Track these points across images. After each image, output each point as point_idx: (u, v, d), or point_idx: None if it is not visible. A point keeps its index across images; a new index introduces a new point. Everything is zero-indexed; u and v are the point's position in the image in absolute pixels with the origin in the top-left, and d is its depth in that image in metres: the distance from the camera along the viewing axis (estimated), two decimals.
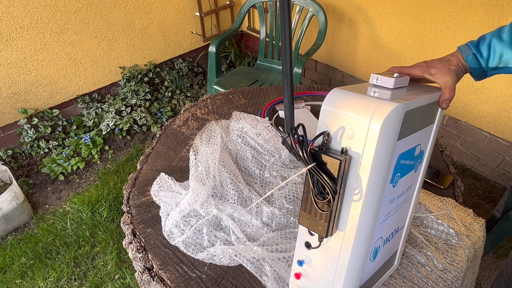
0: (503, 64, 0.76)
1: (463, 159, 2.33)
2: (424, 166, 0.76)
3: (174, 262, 0.90)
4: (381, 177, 0.58)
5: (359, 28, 2.43)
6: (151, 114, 2.65)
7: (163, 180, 1.08)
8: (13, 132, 2.36)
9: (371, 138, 0.55)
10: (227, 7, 3.04)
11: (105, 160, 2.45)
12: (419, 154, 0.71)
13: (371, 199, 0.59)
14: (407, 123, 0.59)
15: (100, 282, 1.76)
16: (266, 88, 1.55)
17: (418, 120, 0.65)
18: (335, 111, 0.58)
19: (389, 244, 0.75)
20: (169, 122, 1.36)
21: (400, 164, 0.63)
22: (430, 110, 0.69)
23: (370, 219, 0.61)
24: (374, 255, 0.69)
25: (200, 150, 1.13)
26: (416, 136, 0.66)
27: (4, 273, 1.82)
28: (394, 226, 0.73)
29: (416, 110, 0.61)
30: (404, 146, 0.62)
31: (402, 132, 0.59)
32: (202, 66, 3.17)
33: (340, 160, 0.56)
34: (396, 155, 0.60)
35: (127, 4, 2.50)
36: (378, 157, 0.56)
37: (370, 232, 0.62)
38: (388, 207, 0.66)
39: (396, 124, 0.56)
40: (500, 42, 0.74)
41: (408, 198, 0.75)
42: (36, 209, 2.15)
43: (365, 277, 0.69)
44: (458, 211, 0.97)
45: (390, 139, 0.57)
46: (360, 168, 0.57)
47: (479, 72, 0.77)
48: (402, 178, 0.67)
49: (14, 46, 2.14)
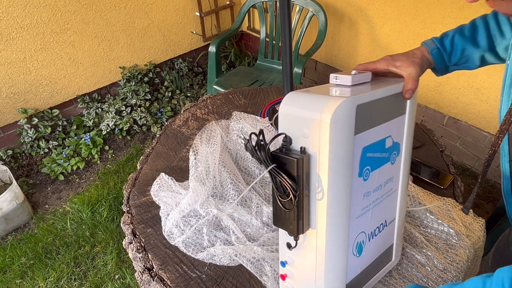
0: (464, 60, 0.78)
1: (463, 159, 2.33)
2: (405, 158, 0.75)
3: (174, 262, 0.90)
4: (343, 173, 0.59)
5: (359, 28, 2.43)
6: (151, 114, 2.65)
7: (163, 180, 1.08)
8: (13, 132, 2.36)
9: (323, 135, 0.56)
10: (227, 7, 3.04)
11: (105, 160, 2.46)
12: (393, 146, 0.71)
13: (336, 195, 0.59)
14: (365, 116, 0.61)
15: (100, 282, 1.76)
16: (266, 88, 1.55)
17: (381, 112, 0.65)
18: (292, 112, 0.60)
19: (378, 239, 0.74)
20: (169, 122, 1.36)
21: (367, 157, 0.64)
22: (396, 101, 0.69)
23: (340, 215, 0.61)
24: (358, 250, 0.68)
25: (200, 150, 1.14)
26: (384, 128, 0.66)
27: (4, 273, 1.82)
28: (379, 220, 0.72)
29: (373, 102, 0.62)
30: (368, 139, 0.63)
31: (360, 125, 0.60)
32: (202, 66, 3.17)
33: (296, 159, 0.57)
34: (359, 148, 0.61)
35: (127, 4, 2.50)
36: (334, 153, 0.57)
37: (343, 228, 0.63)
38: (363, 201, 0.66)
39: (347, 119, 0.57)
40: (462, 38, 0.77)
41: (391, 191, 0.74)
42: (36, 209, 2.15)
43: (353, 273, 0.69)
44: (458, 211, 0.97)
45: (344, 134, 0.58)
46: (318, 166, 0.58)
47: (442, 66, 0.78)
48: (375, 171, 0.67)
49: (14, 46, 2.14)
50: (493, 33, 0.76)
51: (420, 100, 2.37)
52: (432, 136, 1.29)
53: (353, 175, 0.61)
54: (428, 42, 0.79)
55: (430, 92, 2.28)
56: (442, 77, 2.17)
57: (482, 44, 0.76)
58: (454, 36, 0.77)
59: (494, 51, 0.77)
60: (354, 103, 0.57)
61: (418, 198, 0.98)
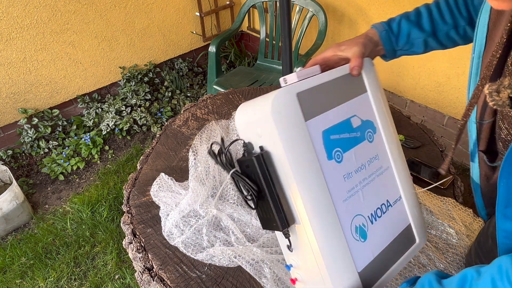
0: (410, 44, 0.82)
1: (463, 159, 2.33)
2: (387, 134, 0.74)
3: (174, 262, 0.90)
4: (304, 160, 0.60)
5: (359, 28, 2.43)
6: (151, 114, 2.65)
7: (163, 180, 1.08)
8: (13, 132, 2.36)
9: (271, 128, 0.58)
10: (227, 7, 3.04)
11: (105, 160, 2.45)
12: (363, 124, 0.70)
13: (306, 183, 0.59)
14: (314, 102, 0.62)
15: (100, 282, 1.76)
16: (266, 88, 1.55)
17: (332, 95, 0.66)
18: (244, 119, 0.63)
19: (385, 220, 0.70)
20: (169, 122, 1.36)
21: (332, 139, 0.64)
22: (349, 82, 0.70)
23: (318, 202, 0.60)
24: (360, 234, 0.65)
25: (200, 150, 1.13)
26: (343, 109, 0.67)
27: (4, 273, 1.82)
28: (377, 200, 0.70)
29: (318, 88, 0.64)
30: (326, 123, 0.64)
31: (310, 111, 0.61)
32: (202, 66, 3.17)
33: (253, 157, 0.59)
34: (318, 132, 0.62)
35: (127, 4, 2.50)
36: (287, 143, 0.58)
37: (328, 214, 0.61)
38: (346, 183, 0.65)
39: (289, 107, 0.59)
40: (408, 22, 0.81)
41: (382, 169, 0.72)
42: (36, 209, 2.15)
43: (364, 260, 0.65)
44: (458, 211, 0.97)
45: (292, 122, 0.59)
46: (279, 159, 0.60)
47: (389, 49, 0.82)
48: (349, 152, 0.66)
49: (14, 46, 2.14)
50: (436, 18, 0.80)
51: (420, 100, 2.37)
52: (432, 136, 1.29)
53: (321, 159, 0.61)
54: (377, 25, 0.82)
55: (430, 92, 2.28)
56: (442, 77, 2.17)
57: (426, 28, 0.80)
58: (401, 20, 0.81)
59: (435, 36, 0.81)
60: (291, 92, 0.60)
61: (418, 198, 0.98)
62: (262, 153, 0.60)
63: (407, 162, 1.14)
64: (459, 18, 0.78)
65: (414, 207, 0.77)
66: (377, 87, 0.75)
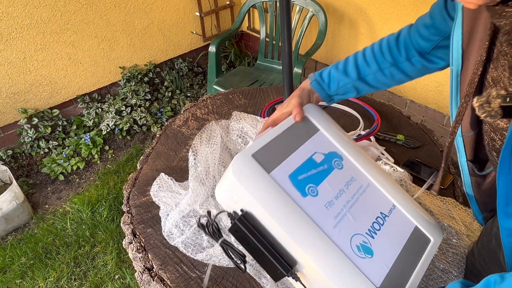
0: (342, 90, 0.91)
1: None
2: (355, 157, 0.80)
3: (174, 262, 0.90)
4: (281, 206, 0.66)
5: (359, 28, 2.43)
6: (151, 114, 2.65)
7: (162, 180, 1.08)
8: (13, 132, 2.36)
9: (241, 190, 0.66)
10: (227, 7, 3.04)
11: (105, 160, 2.46)
12: (327, 157, 0.77)
13: (290, 225, 0.65)
14: (270, 156, 0.71)
15: (100, 282, 1.76)
16: (266, 88, 1.55)
17: (287, 144, 0.75)
18: (222, 194, 0.72)
19: (386, 231, 0.72)
20: (169, 122, 1.36)
21: (300, 180, 0.70)
22: (299, 129, 0.80)
23: (309, 237, 0.64)
24: (365, 251, 0.67)
25: (200, 150, 1.13)
26: (301, 151, 0.75)
27: (4, 273, 1.82)
28: (370, 215, 0.73)
29: (269, 144, 0.73)
30: (289, 168, 0.71)
31: (270, 164, 0.69)
32: (202, 66, 3.17)
33: (235, 221, 0.67)
34: (285, 178, 0.69)
35: (127, 4, 2.50)
36: (259, 197, 0.65)
37: (324, 244, 0.64)
38: (330, 210, 0.69)
39: (249, 168, 0.68)
40: (337, 70, 0.90)
41: (363, 187, 0.76)
42: (36, 209, 2.15)
43: (380, 275, 0.66)
44: (458, 211, 0.97)
45: (256, 179, 0.67)
46: (257, 214, 0.66)
47: (324, 96, 0.91)
48: (322, 184, 0.72)
49: (14, 46, 2.14)
50: (360, 64, 0.88)
51: (420, 100, 2.37)
52: (432, 136, 1.29)
53: (296, 199, 0.67)
54: (311, 75, 0.93)
55: (430, 92, 2.28)
56: (442, 77, 2.17)
57: (352, 75, 0.88)
58: (331, 70, 0.91)
59: (364, 80, 0.89)
60: (247, 155, 0.69)
61: (418, 198, 0.98)
62: (242, 215, 0.67)
63: (407, 162, 1.14)
64: (383, 62, 0.86)
65: (415, 210, 0.78)
66: (329, 124, 0.83)
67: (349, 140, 0.84)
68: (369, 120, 1.32)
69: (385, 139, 1.25)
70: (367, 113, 1.36)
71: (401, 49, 0.85)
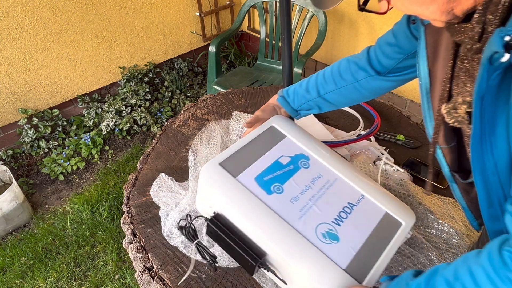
0: (306, 107, 0.97)
1: None
2: (322, 156, 0.87)
3: (174, 262, 0.90)
4: (247, 204, 0.73)
5: (359, 28, 2.43)
6: (151, 114, 2.65)
7: (162, 180, 1.08)
8: (13, 132, 2.36)
9: (211, 195, 0.77)
10: (227, 7, 3.04)
11: (105, 160, 2.46)
12: (293, 159, 0.85)
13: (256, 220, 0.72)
14: (237, 163, 0.80)
15: (100, 282, 1.76)
16: (266, 88, 1.55)
17: (253, 151, 0.84)
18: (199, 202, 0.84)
19: (353, 219, 0.77)
20: (169, 122, 1.36)
21: (266, 180, 0.79)
22: (265, 137, 0.88)
23: (274, 229, 0.71)
24: (331, 238, 0.72)
25: (200, 150, 1.13)
26: (267, 156, 0.84)
27: (4, 273, 1.82)
28: (337, 206, 0.79)
29: (238, 152, 0.82)
30: (255, 171, 0.79)
31: (237, 169, 0.78)
32: (202, 66, 3.17)
33: (207, 222, 0.76)
34: (251, 180, 0.77)
35: (127, 4, 2.50)
36: (227, 198, 0.75)
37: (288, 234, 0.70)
38: (295, 205, 0.76)
39: (217, 174, 0.77)
40: (300, 88, 0.96)
41: (330, 182, 0.83)
42: (36, 209, 2.15)
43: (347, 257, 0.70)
44: (458, 211, 0.97)
45: (223, 183, 0.76)
46: (228, 213, 0.75)
47: (290, 110, 0.99)
48: (288, 182, 0.80)
49: (14, 46, 2.14)
50: (320, 83, 0.94)
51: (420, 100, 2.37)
52: None
53: (262, 197, 0.75)
54: (279, 92, 1.01)
55: None
56: None
57: (312, 93, 0.94)
58: (296, 86, 0.98)
59: (323, 98, 0.94)
60: (214, 163, 0.78)
61: (418, 198, 0.98)
62: (213, 216, 0.76)
63: (407, 162, 1.14)
64: (340, 81, 0.92)
65: (385, 198, 0.83)
66: (296, 130, 0.92)
67: (318, 143, 0.91)
68: (369, 120, 1.32)
69: (385, 139, 1.25)
70: (367, 113, 1.36)
71: (359, 69, 0.90)
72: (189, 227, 0.78)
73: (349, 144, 1.16)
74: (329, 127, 1.30)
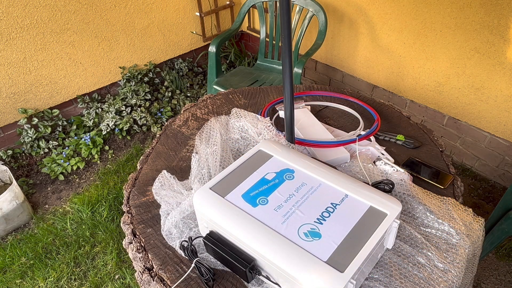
0: None
1: (463, 159, 2.33)
2: (307, 167, 0.92)
3: (174, 262, 0.90)
4: (236, 218, 0.81)
5: (359, 28, 2.43)
6: (151, 114, 2.65)
7: (165, 178, 1.08)
8: (13, 132, 2.36)
9: (205, 216, 0.84)
10: (227, 7, 3.04)
11: (105, 160, 2.46)
12: (278, 174, 0.91)
13: (243, 231, 0.79)
14: (226, 185, 0.88)
15: (100, 282, 1.76)
16: (266, 88, 1.55)
17: (241, 174, 0.91)
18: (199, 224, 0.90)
19: (337, 216, 0.81)
20: (169, 122, 1.36)
21: (252, 196, 0.86)
22: (252, 160, 0.95)
23: (259, 236, 0.77)
24: (312, 236, 0.77)
25: (200, 150, 1.13)
26: (254, 176, 0.91)
27: (4, 273, 1.82)
28: (319, 208, 0.83)
29: (227, 177, 0.91)
30: (242, 190, 0.87)
31: (225, 190, 0.87)
32: (202, 66, 3.17)
33: (204, 240, 0.84)
34: (238, 198, 0.85)
35: (127, 4, 2.50)
36: (218, 215, 0.82)
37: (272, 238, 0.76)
38: (279, 212, 0.82)
39: (207, 197, 0.85)
40: None
41: (313, 188, 0.87)
42: (36, 209, 2.15)
43: (328, 251, 0.74)
44: (458, 211, 0.97)
45: (214, 204, 0.84)
46: (220, 230, 0.83)
47: None
48: (272, 194, 0.86)
49: (14, 46, 2.14)
50: None
51: (420, 100, 2.37)
52: (432, 136, 1.29)
53: (248, 210, 0.82)
54: None
55: (430, 92, 2.28)
56: (442, 77, 2.17)
57: None
58: None
59: None
60: (205, 188, 0.87)
61: (418, 198, 0.98)
62: (208, 234, 0.85)
63: (407, 162, 1.14)
64: None
65: (369, 194, 0.85)
66: (283, 150, 0.97)
67: (305, 157, 0.95)
68: (369, 120, 1.32)
69: (385, 139, 1.25)
70: (367, 113, 1.36)
71: None
72: (190, 247, 0.85)
73: (349, 144, 1.16)
74: (329, 127, 1.30)
